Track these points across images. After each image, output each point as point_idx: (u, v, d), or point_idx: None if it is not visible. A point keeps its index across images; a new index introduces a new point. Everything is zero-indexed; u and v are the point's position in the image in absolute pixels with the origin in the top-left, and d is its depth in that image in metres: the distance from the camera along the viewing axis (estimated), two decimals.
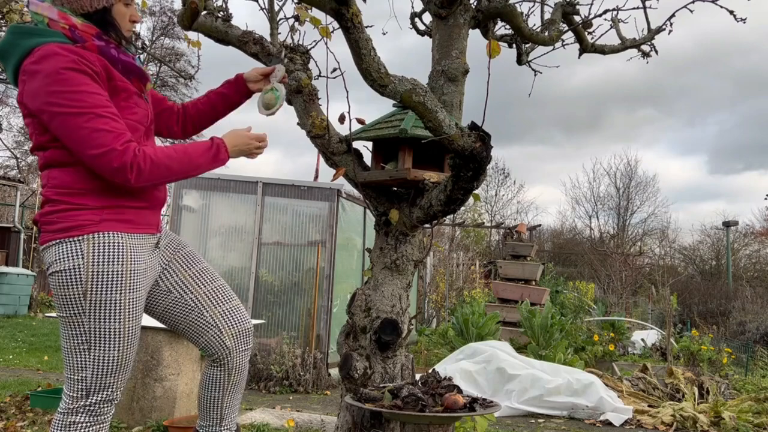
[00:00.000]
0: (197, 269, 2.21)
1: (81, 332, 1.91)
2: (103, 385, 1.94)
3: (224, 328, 2.17)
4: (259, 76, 2.37)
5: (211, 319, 2.16)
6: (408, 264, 2.69)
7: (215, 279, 2.23)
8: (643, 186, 25.61)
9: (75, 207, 1.90)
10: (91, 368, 1.92)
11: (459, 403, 2.22)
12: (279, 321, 6.72)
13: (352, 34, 2.03)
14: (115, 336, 1.92)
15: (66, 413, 1.93)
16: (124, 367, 1.97)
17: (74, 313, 1.90)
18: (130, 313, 1.94)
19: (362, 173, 2.63)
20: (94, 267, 1.88)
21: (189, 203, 7.17)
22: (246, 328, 2.22)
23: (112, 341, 1.92)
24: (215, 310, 2.17)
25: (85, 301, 1.88)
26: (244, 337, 2.21)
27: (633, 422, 5.05)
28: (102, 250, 1.89)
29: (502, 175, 25.83)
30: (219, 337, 2.16)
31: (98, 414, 1.95)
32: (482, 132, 2.17)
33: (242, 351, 2.21)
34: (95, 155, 1.83)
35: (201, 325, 2.16)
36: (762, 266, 21.82)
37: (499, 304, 8.58)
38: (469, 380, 5.31)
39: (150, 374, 3.89)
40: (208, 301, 2.17)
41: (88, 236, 1.88)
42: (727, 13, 3.62)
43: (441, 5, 2.92)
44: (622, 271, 16.56)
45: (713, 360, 7.40)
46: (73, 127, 1.83)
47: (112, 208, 1.94)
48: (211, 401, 2.24)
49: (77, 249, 1.88)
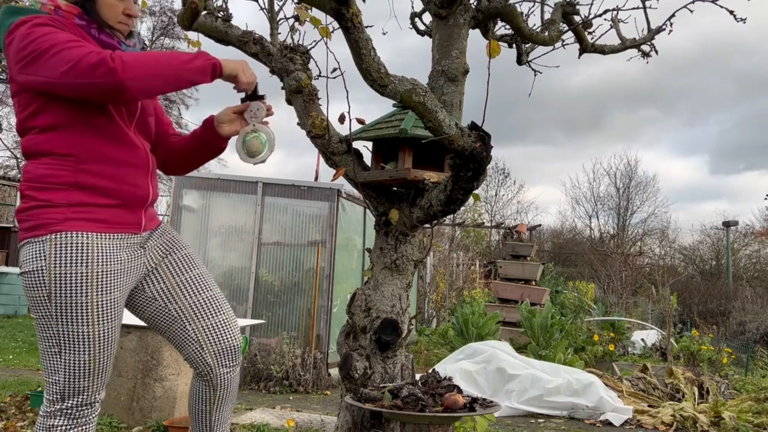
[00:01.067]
0: (187, 276, 2.06)
1: (51, 335, 1.84)
2: (76, 389, 1.87)
3: (205, 344, 2.02)
4: (232, 115, 2.09)
5: (193, 333, 2.02)
6: (408, 264, 2.68)
7: (206, 289, 2.08)
8: (643, 186, 25.64)
9: (41, 204, 1.83)
10: (63, 372, 1.85)
11: (459, 403, 2.22)
12: (279, 321, 6.72)
13: (352, 34, 2.03)
14: (84, 340, 1.83)
15: (45, 416, 1.88)
16: (98, 372, 1.89)
17: (42, 315, 1.84)
18: (100, 317, 1.84)
19: (362, 173, 2.63)
20: (55, 269, 1.79)
21: (189, 203, 7.18)
22: (230, 346, 2.06)
23: (82, 345, 1.83)
24: (198, 324, 2.03)
25: (51, 304, 1.81)
26: (228, 354, 2.06)
27: (633, 422, 5.05)
28: (64, 252, 1.80)
29: (502, 175, 25.86)
30: (200, 353, 2.02)
31: (77, 417, 1.89)
32: (482, 132, 2.17)
33: (226, 368, 2.06)
34: (69, 68, 1.70)
35: (183, 338, 2.03)
36: (762, 266, 21.82)
37: (499, 304, 8.58)
38: (469, 380, 5.31)
39: (150, 374, 3.89)
40: (193, 313, 2.03)
41: (50, 236, 1.80)
42: (728, 14, 3.62)
43: (441, 5, 2.92)
44: (622, 271, 16.55)
45: (713, 360, 7.40)
46: (43, 62, 1.73)
47: (78, 206, 1.83)
48: (200, 413, 2.13)
49: (40, 250, 1.80)
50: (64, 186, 1.83)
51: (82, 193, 1.84)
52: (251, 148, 2.09)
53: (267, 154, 2.11)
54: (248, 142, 2.10)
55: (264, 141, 2.10)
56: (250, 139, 2.10)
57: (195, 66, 1.84)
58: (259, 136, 2.10)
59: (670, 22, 3.73)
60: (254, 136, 2.09)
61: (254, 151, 2.09)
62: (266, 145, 2.11)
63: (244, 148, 2.10)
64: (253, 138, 2.09)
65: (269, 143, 2.12)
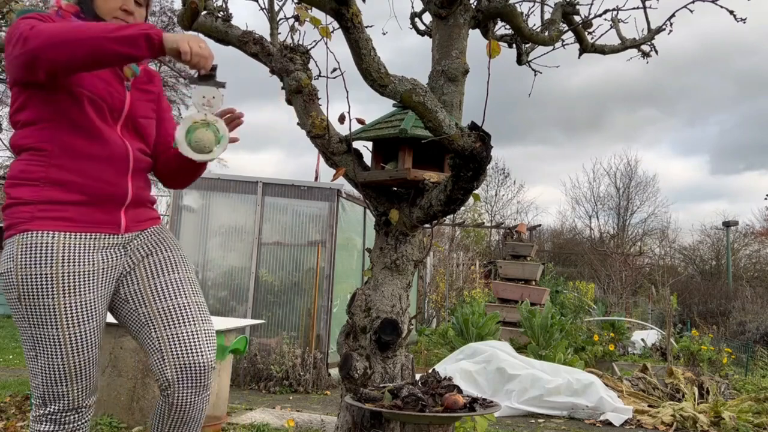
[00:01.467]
0: (163, 280, 1.89)
1: (26, 338, 1.79)
2: (56, 394, 1.80)
3: (167, 355, 1.81)
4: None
5: (157, 341, 1.83)
6: (408, 264, 2.69)
7: (180, 295, 1.89)
8: (643, 186, 25.64)
9: (14, 202, 1.78)
10: (41, 376, 1.79)
11: (459, 403, 2.22)
12: (279, 321, 6.72)
13: (352, 34, 2.03)
14: (56, 343, 1.75)
15: (34, 421, 1.84)
16: (77, 377, 1.80)
17: (17, 317, 1.78)
18: (71, 319, 1.75)
19: (362, 173, 2.63)
20: (21, 270, 1.73)
21: (189, 203, 7.18)
22: (195, 363, 1.81)
23: (54, 349, 1.76)
24: (164, 332, 1.83)
25: (21, 305, 1.75)
26: (191, 372, 1.81)
27: (633, 422, 5.05)
28: (28, 252, 1.73)
29: (502, 175, 25.85)
30: (161, 364, 1.82)
31: (64, 423, 1.82)
32: (482, 132, 2.17)
33: (187, 389, 1.81)
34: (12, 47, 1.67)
35: (149, 346, 1.85)
36: (762, 266, 21.81)
37: (499, 304, 8.58)
38: (469, 380, 5.31)
39: (150, 374, 3.89)
40: (160, 320, 1.85)
41: (17, 236, 1.74)
42: (728, 14, 3.63)
43: (441, 5, 2.92)
44: (622, 271, 16.55)
45: (713, 360, 7.40)
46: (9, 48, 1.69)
47: (47, 204, 1.75)
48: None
49: (9, 251, 1.75)
50: (35, 182, 1.76)
51: (52, 189, 1.76)
52: (199, 141, 1.76)
53: (218, 152, 1.78)
54: (194, 132, 1.75)
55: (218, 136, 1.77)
56: (198, 129, 1.76)
57: (121, 35, 1.63)
58: (211, 129, 1.76)
59: (670, 22, 3.73)
60: (204, 127, 1.76)
61: (202, 145, 1.76)
62: (220, 141, 1.77)
63: (189, 139, 1.75)
64: (202, 129, 1.76)
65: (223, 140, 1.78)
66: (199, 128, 1.75)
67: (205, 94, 1.75)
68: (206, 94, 1.75)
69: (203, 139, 1.75)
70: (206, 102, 1.76)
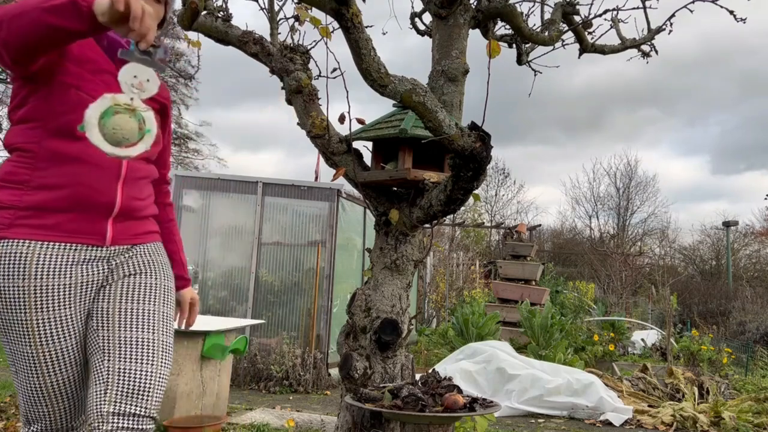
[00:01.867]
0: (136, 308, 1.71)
1: (7, 353, 1.68)
2: (37, 415, 1.70)
3: (111, 389, 1.59)
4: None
5: (106, 372, 1.62)
6: (408, 264, 2.69)
7: (149, 329, 1.69)
8: (643, 186, 25.65)
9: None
10: (21, 394, 1.69)
11: (459, 403, 2.22)
12: (279, 321, 6.73)
13: (352, 34, 2.03)
14: (33, 362, 1.64)
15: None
16: (58, 398, 1.68)
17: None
18: (45, 336, 1.62)
19: (362, 173, 2.63)
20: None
21: (189, 203, 7.18)
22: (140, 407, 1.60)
23: (31, 367, 1.64)
24: (116, 364, 1.62)
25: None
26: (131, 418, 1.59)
27: (633, 422, 5.05)
28: (3, 263, 1.60)
29: (502, 175, 25.85)
30: (100, 396, 1.59)
31: None
32: (482, 132, 2.17)
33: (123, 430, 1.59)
34: None
35: (95, 373, 1.64)
36: (762, 266, 21.82)
37: (499, 304, 8.58)
38: (469, 380, 5.31)
39: None
40: (117, 350, 1.64)
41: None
42: (728, 14, 3.63)
43: (441, 5, 2.92)
44: (622, 271, 16.56)
45: (713, 360, 7.40)
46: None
47: (28, 210, 1.62)
48: None
49: None
50: (18, 185, 1.64)
51: (35, 193, 1.63)
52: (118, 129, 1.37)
53: (139, 149, 1.40)
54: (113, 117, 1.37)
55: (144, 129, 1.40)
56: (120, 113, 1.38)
57: (49, 4, 1.43)
58: (136, 117, 1.40)
59: (670, 22, 3.74)
60: (128, 113, 1.39)
61: (120, 136, 1.37)
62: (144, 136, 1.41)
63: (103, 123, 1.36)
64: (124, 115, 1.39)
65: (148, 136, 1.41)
66: (121, 113, 1.38)
67: (137, 74, 1.42)
68: (140, 74, 1.42)
69: (123, 127, 1.37)
70: (137, 84, 1.41)
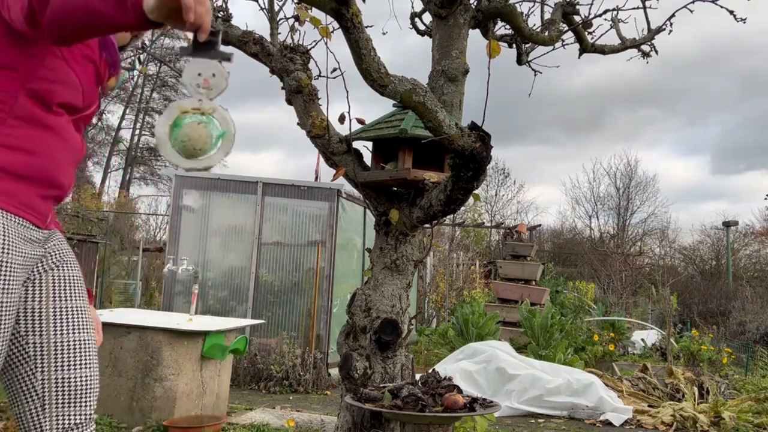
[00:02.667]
0: (66, 306, 1.50)
1: None
2: None
3: (49, 404, 1.43)
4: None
5: (41, 385, 1.44)
6: (408, 264, 2.69)
7: (82, 330, 1.50)
8: (643, 186, 25.65)
9: None
10: None
11: (459, 403, 2.22)
12: (279, 321, 6.73)
13: (352, 34, 2.04)
14: None
15: None
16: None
17: None
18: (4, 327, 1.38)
19: (362, 173, 2.63)
20: None
21: (189, 203, 7.18)
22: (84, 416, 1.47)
23: None
24: (53, 374, 1.44)
25: None
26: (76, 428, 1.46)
27: (633, 422, 5.05)
28: None
29: (502, 175, 25.84)
30: (38, 413, 1.43)
31: None
32: (482, 132, 2.17)
33: None
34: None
35: (24, 389, 1.45)
36: (762, 266, 21.81)
37: (499, 304, 8.58)
38: (469, 380, 5.31)
39: (150, 374, 3.89)
40: (53, 357, 1.45)
41: None
42: (728, 14, 3.63)
43: (441, 5, 2.92)
44: (622, 271, 16.55)
45: (713, 360, 7.40)
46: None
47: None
48: None
49: None
50: None
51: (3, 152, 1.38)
52: (189, 139, 1.18)
53: (217, 157, 1.21)
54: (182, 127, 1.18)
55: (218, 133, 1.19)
56: (188, 121, 1.19)
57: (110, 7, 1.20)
58: (208, 123, 1.19)
59: (670, 22, 3.74)
60: (197, 118, 1.19)
61: (192, 146, 1.18)
62: (220, 140, 1.20)
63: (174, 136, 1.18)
64: (193, 122, 1.19)
65: (225, 138, 1.20)
66: (190, 121, 1.19)
67: (201, 71, 1.20)
68: (204, 71, 1.20)
69: (194, 136, 1.18)
70: (203, 83, 1.20)
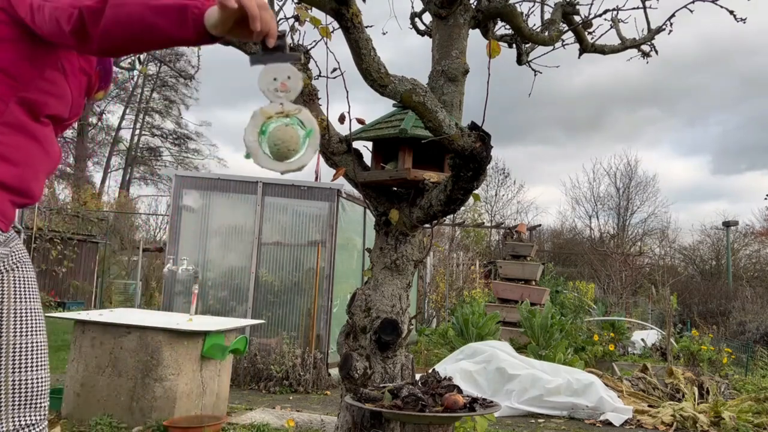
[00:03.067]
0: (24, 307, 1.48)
1: None
2: None
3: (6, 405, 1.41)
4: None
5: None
6: (408, 264, 2.69)
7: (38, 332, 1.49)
8: (643, 186, 25.67)
9: None
10: None
11: (459, 403, 2.22)
12: (279, 321, 6.72)
13: (352, 34, 2.03)
14: None
15: None
16: None
17: None
18: None
19: (362, 173, 2.63)
20: None
21: (189, 203, 7.17)
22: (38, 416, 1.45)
23: None
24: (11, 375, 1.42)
25: None
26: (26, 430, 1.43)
27: (633, 422, 5.05)
28: None
29: (502, 175, 25.85)
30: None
31: None
32: (482, 132, 2.17)
33: None
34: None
35: None
36: (762, 266, 21.81)
37: (499, 304, 8.58)
38: (469, 380, 5.31)
39: (150, 374, 3.89)
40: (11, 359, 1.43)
41: None
42: (728, 14, 3.63)
43: (441, 5, 2.92)
44: (622, 271, 16.55)
45: (713, 360, 7.40)
46: None
47: None
48: None
49: None
50: None
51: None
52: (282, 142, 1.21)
53: (308, 155, 1.23)
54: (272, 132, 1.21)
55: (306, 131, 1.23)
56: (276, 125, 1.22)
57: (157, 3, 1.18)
58: (293, 122, 1.23)
59: (670, 22, 3.74)
60: (285, 123, 1.22)
61: (286, 148, 1.21)
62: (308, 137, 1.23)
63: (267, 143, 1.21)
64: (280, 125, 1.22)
65: (312, 136, 1.23)
66: (277, 124, 1.22)
67: (277, 75, 1.23)
68: (279, 75, 1.23)
69: (286, 138, 1.20)
70: (280, 86, 1.22)
